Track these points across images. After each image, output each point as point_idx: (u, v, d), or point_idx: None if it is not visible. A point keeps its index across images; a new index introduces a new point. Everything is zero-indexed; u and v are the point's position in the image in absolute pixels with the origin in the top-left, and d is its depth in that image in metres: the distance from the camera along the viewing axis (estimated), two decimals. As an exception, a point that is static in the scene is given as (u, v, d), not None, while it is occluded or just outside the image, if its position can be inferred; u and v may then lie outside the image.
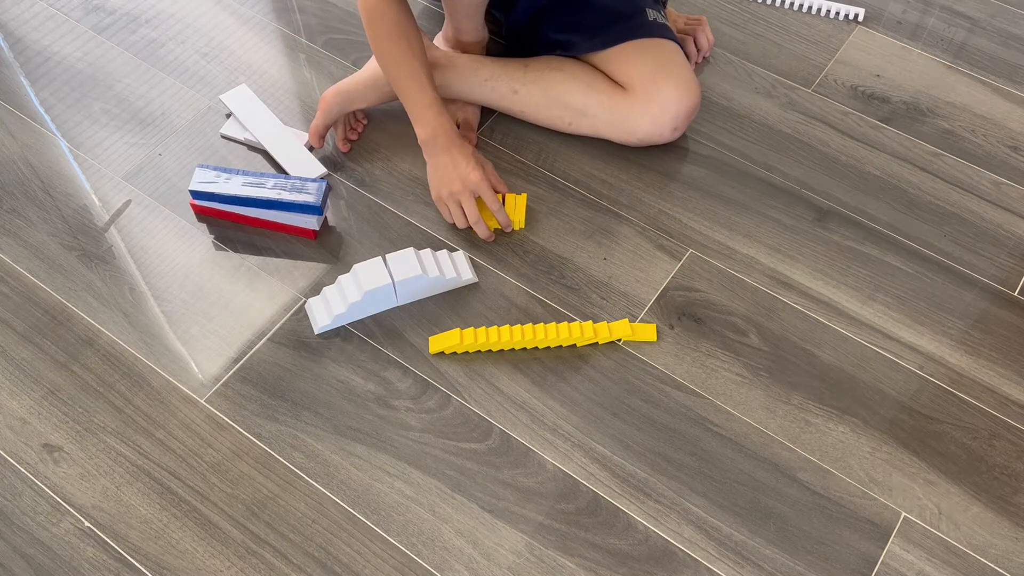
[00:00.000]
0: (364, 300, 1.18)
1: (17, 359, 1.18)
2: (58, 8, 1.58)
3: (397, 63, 1.25)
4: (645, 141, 1.34)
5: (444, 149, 1.25)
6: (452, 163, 1.25)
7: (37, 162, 1.37)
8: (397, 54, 1.24)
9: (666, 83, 1.29)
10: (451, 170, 1.25)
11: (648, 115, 1.31)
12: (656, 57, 1.30)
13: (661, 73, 1.29)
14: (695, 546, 1.04)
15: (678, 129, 1.34)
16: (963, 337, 1.21)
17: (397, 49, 1.24)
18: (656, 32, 1.33)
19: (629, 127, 1.32)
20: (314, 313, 1.20)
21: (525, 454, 1.11)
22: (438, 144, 1.25)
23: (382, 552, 1.04)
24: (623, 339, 1.19)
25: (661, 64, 1.30)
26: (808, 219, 1.32)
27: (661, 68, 1.30)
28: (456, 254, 1.25)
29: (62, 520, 1.06)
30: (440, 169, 1.26)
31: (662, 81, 1.29)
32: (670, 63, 1.30)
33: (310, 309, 1.21)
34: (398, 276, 1.18)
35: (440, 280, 1.21)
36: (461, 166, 1.24)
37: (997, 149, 1.42)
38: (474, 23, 1.35)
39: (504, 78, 1.35)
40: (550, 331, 1.18)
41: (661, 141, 1.35)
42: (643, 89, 1.30)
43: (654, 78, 1.29)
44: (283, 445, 1.11)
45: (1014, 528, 1.06)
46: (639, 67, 1.30)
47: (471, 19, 1.34)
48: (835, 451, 1.11)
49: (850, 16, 1.59)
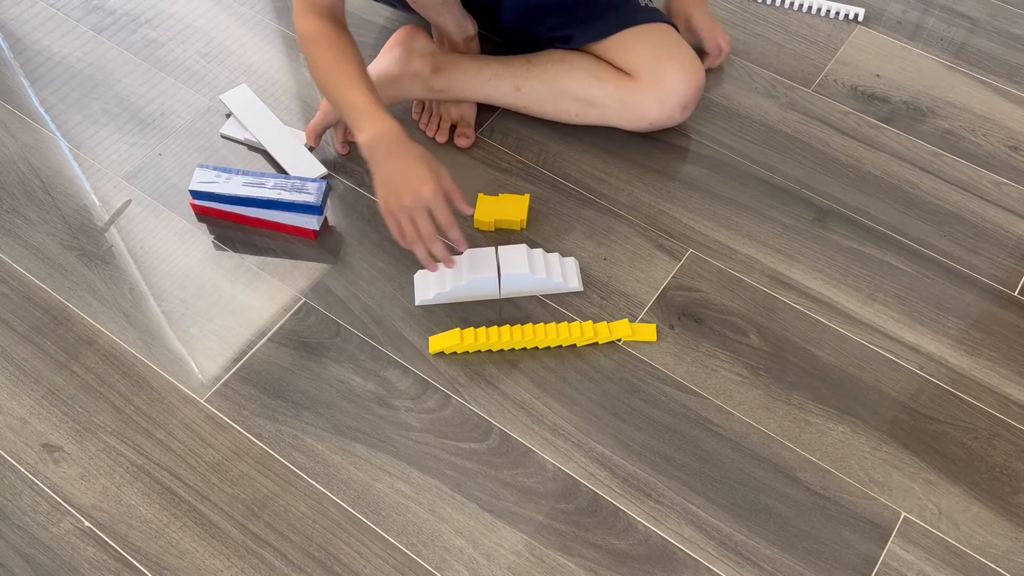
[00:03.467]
0: (469, 284, 1.20)
1: (17, 359, 1.18)
2: (58, 8, 1.58)
3: (331, 73, 1.17)
4: (656, 125, 1.35)
5: (390, 154, 1.11)
6: (402, 171, 1.11)
7: (37, 162, 1.37)
8: (330, 64, 1.17)
9: (670, 66, 1.30)
10: (400, 180, 1.11)
11: (657, 99, 1.31)
12: (656, 42, 1.31)
13: (664, 56, 1.30)
14: (695, 546, 1.04)
15: (688, 108, 1.34)
16: (963, 337, 1.21)
17: (331, 59, 1.17)
18: (651, 17, 1.33)
19: (639, 113, 1.32)
20: (419, 285, 1.22)
21: (525, 454, 1.11)
22: (382, 148, 1.12)
23: (382, 552, 1.04)
24: (623, 339, 1.19)
25: (663, 48, 1.31)
26: (808, 219, 1.32)
27: (663, 52, 1.30)
28: (567, 260, 1.25)
29: (62, 520, 1.06)
30: (387, 177, 1.12)
31: (666, 64, 1.30)
32: (671, 46, 1.31)
33: (417, 280, 1.23)
34: (506, 270, 1.20)
35: (546, 282, 1.22)
36: (412, 175, 1.10)
37: (997, 149, 1.42)
38: (447, 21, 1.34)
39: (508, 75, 1.35)
40: (550, 331, 1.18)
41: (672, 123, 1.35)
42: (649, 74, 1.30)
43: (658, 62, 1.30)
44: (283, 445, 1.11)
45: (1014, 528, 1.06)
46: (641, 53, 1.30)
47: (442, 17, 1.33)
48: (835, 451, 1.11)
49: (850, 16, 1.59)
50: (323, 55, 1.18)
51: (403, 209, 1.11)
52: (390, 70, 1.35)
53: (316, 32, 1.19)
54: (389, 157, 1.12)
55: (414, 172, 1.10)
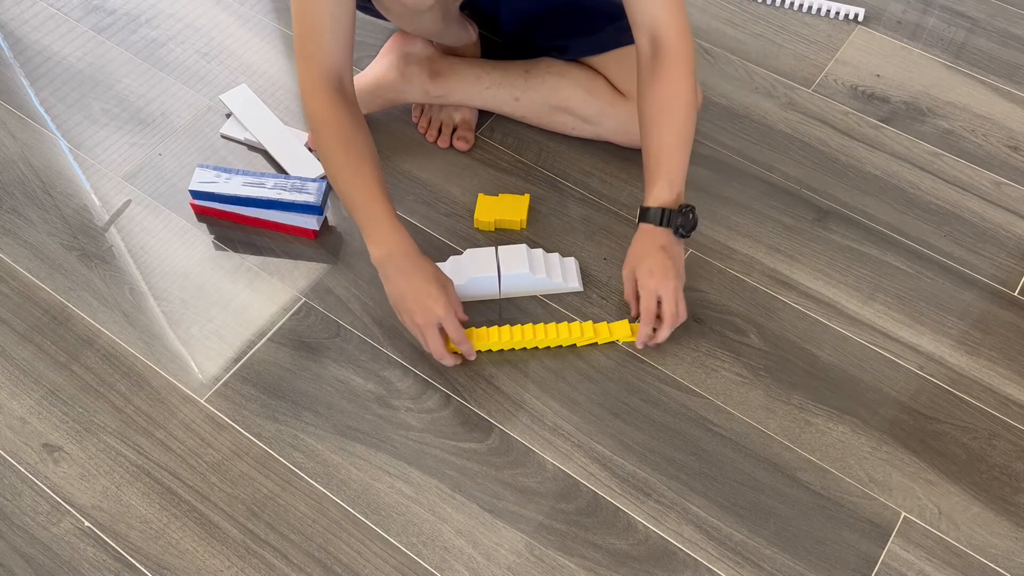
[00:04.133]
0: (469, 285, 1.20)
1: (17, 359, 1.18)
2: (58, 8, 1.58)
3: (344, 174, 1.13)
4: None
5: (402, 272, 1.11)
6: (413, 290, 1.10)
7: (37, 162, 1.37)
8: (344, 163, 1.12)
9: None
10: (411, 300, 1.11)
11: None
12: None
13: None
14: (695, 546, 1.04)
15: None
16: (963, 337, 1.21)
17: (344, 158, 1.12)
18: None
19: (633, 135, 1.31)
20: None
21: (525, 454, 1.11)
22: (394, 265, 1.11)
23: (382, 552, 1.04)
24: (622, 340, 1.19)
25: None
26: (808, 219, 1.32)
27: None
28: (567, 260, 1.25)
29: (62, 520, 1.06)
30: (401, 294, 1.12)
31: None
32: None
33: None
34: (506, 270, 1.20)
35: (546, 282, 1.22)
36: (423, 295, 1.10)
37: (997, 149, 1.42)
38: (448, 38, 1.32)
39: (506, 85, 1.35)
40: (550, 331, 1.18)
41: None
42: None
43: None
44: (283, 445, 1.11)
45: (1014, 528, 1.06)
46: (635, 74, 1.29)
47: (442, 36, 1.31)
48: (835, 451, 1.11)
49: (850, 16, 1.59)
50: (336, 150, 1.13)
51: (415, 327, 1.12)
52: (387, 75, 1.35)
53: (329, 119, 1.13)
54: (402, 275, 1.11)
55: (426, 291, 1.10)
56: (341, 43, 1.13)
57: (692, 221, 1.15)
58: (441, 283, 1.12)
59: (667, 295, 1.12)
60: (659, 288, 1.12)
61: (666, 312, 1.13)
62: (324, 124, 1.13)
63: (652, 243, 1.14)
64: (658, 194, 1.14)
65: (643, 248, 1.14)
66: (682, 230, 1.14)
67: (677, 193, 1.14)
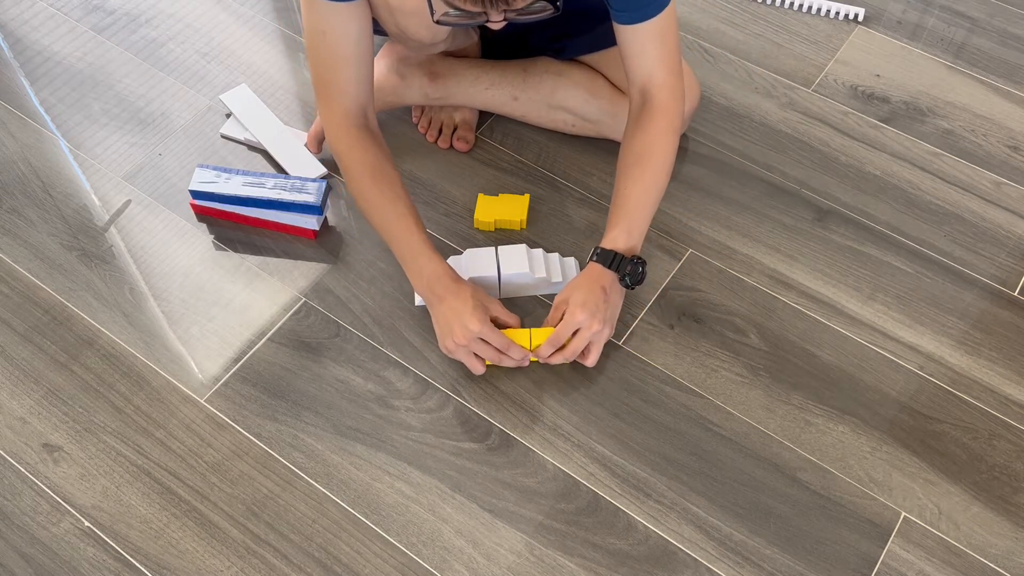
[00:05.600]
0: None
1: (17, 359, 1.18)
2: (58, 8, 1.58)
3: (381, 209, 1.15)
4: None
5: (441, 299, 1.12)
6: (453, 313, 1.11)
7: (37, 162, 1.37)
8: (379, 200, 1.15)
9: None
10: (452, 321, 1.11)
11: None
12: None
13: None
14: (695, 546, 1.04)
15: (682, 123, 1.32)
16: (963, 337, 1.21)
17: (378, 194, 1.15)
18: None
19: None
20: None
21: (525, 454, 1.11)
22: (435, 294, 1.12)
23: (382, 552, 1.04)
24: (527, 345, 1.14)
25: None
26: (808, 219, 1.32)
27: None
28: (567, 260, 1.25)
29: (62, 520, 1.06)
30: (441, 321, 1.13)
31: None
32: None
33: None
34: (505, 270, 1.20)
35: (545, 282, 1.22)
36: (462, 315, 1.10)
37: (997, 149, 1.42)
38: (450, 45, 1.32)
39: (504, 85, 1.35)
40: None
41: None
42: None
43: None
44: (283, 445, 1.11)
45: (1014, 528, 1.06)
46: None
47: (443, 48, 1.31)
48: (835, 451, 1.11)
49: (850, 16, 1.59)
50: (368, 187, 1.15)
51: (458, 348, 1.12)
52: (386, 78, 1.35)
53: (357, 156, 1.15)
54: (440, 302, 1.12)
55: (463, 312, 1.10)
56: (364, 80, 1.15)
57: (640, 275, 1.15)
58: (479, 301, 1.12)
59: (584, 334, 1.11)
60: (583, 324, 1.11)
61: (570, 347, 1.12)
62: (354, 161, 1.15)
63: (595, 282, 1.13)
64: (614, 238, 1.14)
65: (584, 283, 1.13)
66: (628, 279, 1.14)
67: (633, 244, 1.14)
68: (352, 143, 1.15)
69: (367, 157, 1.15)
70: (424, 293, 1.14)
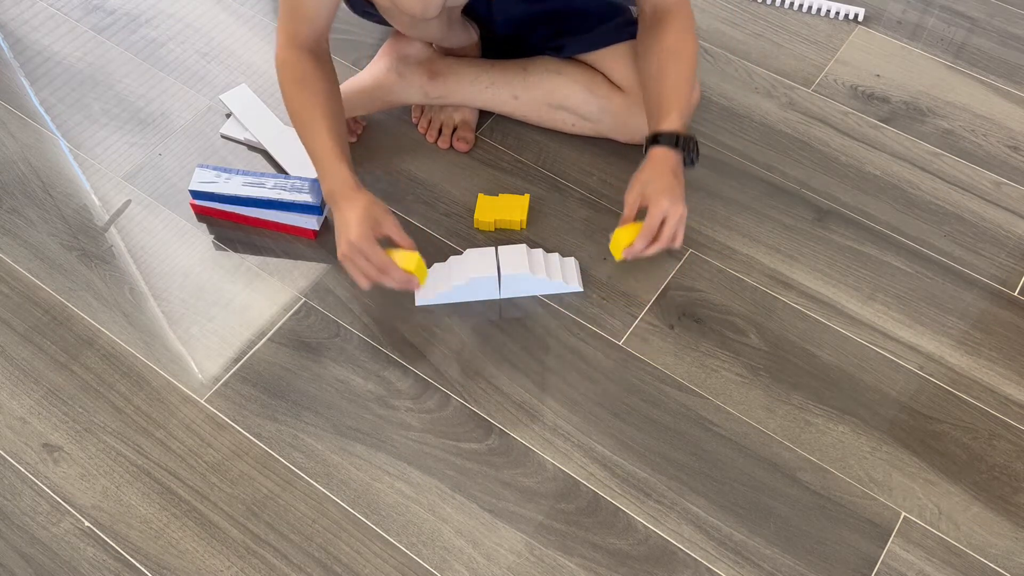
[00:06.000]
0: (469, 285, 1.20)
1: (17, 359, 1.18)
2: (58, 8, 1.58)
3: (301, 118, 1.17)
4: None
5: (337, 206, 1.14)
6: (343, 222, 1.12)
7: (37, 162, 1.37)
8: (298, 104, 1.17)
9: None
10: (340, 231, 1.12)
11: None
12: None
13: None
14: (695, 546, 1.04)
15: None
16: (963, 337, 1.21)
17: (299, 100, 1.17)
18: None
19: (632, 128, 1.32)
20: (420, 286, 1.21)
21: (525, 454, 1.11)
22: (334, 201, 1.14)
23: (382, 552, 1.04)
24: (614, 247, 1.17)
25: None
26: (808, 219, 1.32)
27: None
28: (567, 260, 1.25)
29: (62, 520, 1.06)
30: (336, 228, 1.15)
31: None
32: None
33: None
34: (505, 270, 1.20)
35: (545, 282, 1.22)
36: (348, 225, 1.11)
37: (997, 149, 1.42)
38: (451, 40, 1.32)
39: (504, 84, 1.35)
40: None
41: None
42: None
43: None
44: (283, 445, 1.11)
45: (1014, 528, 1.06)
46: (632, 68, 1.29)
47: (446, 40, 1.31)
48: (835, 451, 1.11)
49: (850, 16, 1.59)
50: (294, 97, 1.17)
51: (343, 257, 1.13)
52: (385, 77, 1.35)
53: (292, 69, 1.17)
54: (337, 211, 1.14)
55: (350, 221, 1.11)
56: (329, 9, 1.17)
57: (698, 152, 1.18)
58: (370, 213, 1.11)
59: (672, 219, 1.12)
60: (669, 210, 1.11)
61: (665, 234, 1.13)
62: (287, 74, 1.18)
63: (665, 166, 1.14)
64: (672, 121, 1.16)
65: (655, 170, 1.14)
66: (692, 156, 1.17)
67: (687, 125, 1.18)
68: (295, 59, 1.17)
69: (300, 70, 1.17)
70: (328, 200, 1.16)
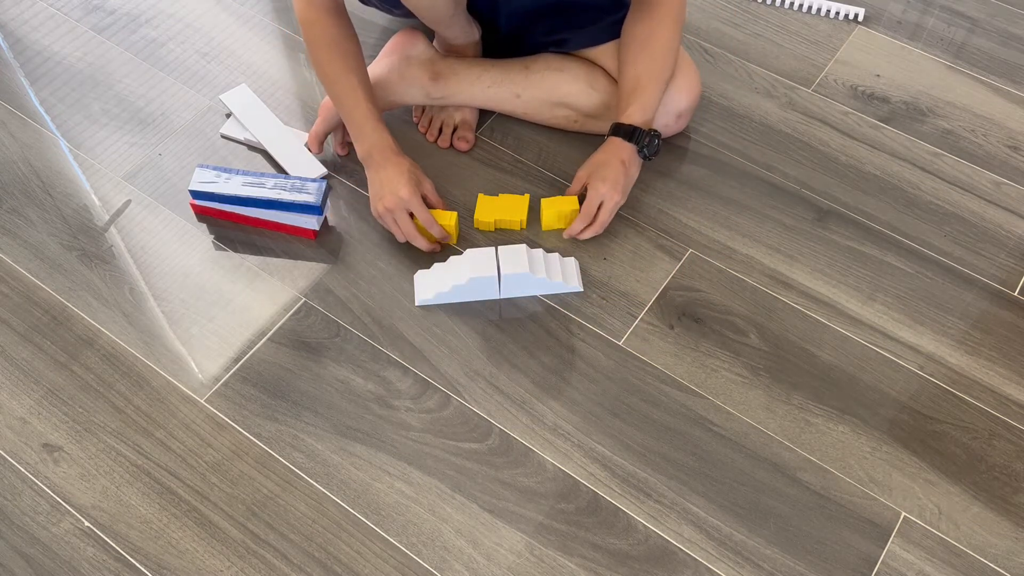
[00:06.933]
0: (469, 285, 1.20)
1: (17, 359, 1.18)
2: (58, 8, 1.58)
3: (334, 78, 1.24)
4: None
5: (379, 166, 1.23)
6: (387, 180, 1.22)
7: (37, 162, 1.37)
8: (333, 69, 1.24)
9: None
10: (384, 187, 1.22)
11: None
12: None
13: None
14: (695, 546, 1.04)
15: (684, 117, 1.35)
16: (963, 337, 1.21)
17: (333, 64, 1.24)
18: None
19: None
20: (419, 285, 1.23)
21: (525, 454, 1.11)
22: (374, 160, 1.23)
23: (382, 552, 1.04)
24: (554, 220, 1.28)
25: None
26: (808, 219, 1.32)
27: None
28: (567, 260, 1.26)
29: (62, 520, 1.06)
30: (375, 185, 1.24)
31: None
32: None
33: (417, 280, 1.24)
34: (505, 270, 1.20)
35: (545, 282, 1.22)
36: (393, 183, 1.21)
37: (997, 149, 1.42)
38: (455, 31, 1.32)
39: (506, 83, 1.35)
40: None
41: (668, 134, 1.35)
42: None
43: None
44: (283, 445, 1.11)
45: (1014, 528, 1.06)
46: None
47: (449, 29, 1.31)
48: (835, 451, 1.11)
49: (850, 16, 1.59)
50: (324, 53, 1.24)
51: (387, 212, 1.23)
52: (388, 77, 1.35)
53: (320, 29, 1.23)
54: (379, 168, 1.23)
55: (396, 180, 1.21)
56: None
57: (656, 146, 1.25)
58: (413, 175, 1.23)
59: (608, 206, 1.23)
60: (605, 197, 1.22)
61: (599, 220, 1.24)
62: (315, 34, 1.24)
63: (615, 155, 1.24)
64: (630, 114, 1.24)
65: (605, 157, 1.24)
66: (646, 151, 1.24)
67: (648, 118, 1.24)
68: (318, 16, 1.23)
69: (328, 30, 1.23)
70: (365, 159, 1.25)
